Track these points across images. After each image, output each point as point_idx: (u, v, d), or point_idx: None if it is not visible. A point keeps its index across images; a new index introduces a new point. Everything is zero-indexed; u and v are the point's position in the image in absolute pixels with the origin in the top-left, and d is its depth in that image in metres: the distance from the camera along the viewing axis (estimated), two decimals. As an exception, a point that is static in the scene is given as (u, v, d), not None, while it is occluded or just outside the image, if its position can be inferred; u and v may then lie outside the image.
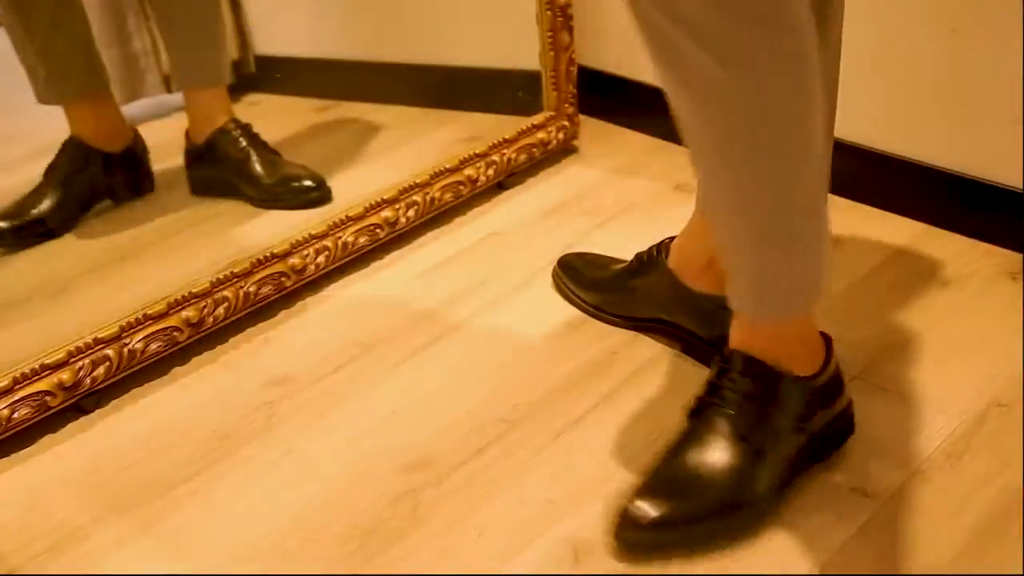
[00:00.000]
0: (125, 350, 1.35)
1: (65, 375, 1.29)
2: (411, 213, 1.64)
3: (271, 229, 1.60)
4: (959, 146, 1.51)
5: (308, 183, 1.73)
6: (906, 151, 1.57)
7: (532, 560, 1.07)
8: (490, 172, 1.74)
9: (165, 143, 1.91)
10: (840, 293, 1.43)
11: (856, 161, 1.61)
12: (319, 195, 1.73)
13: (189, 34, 1.73)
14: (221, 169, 1.76)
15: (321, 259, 1.53)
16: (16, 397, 1.27)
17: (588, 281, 1.43)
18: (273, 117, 2.09)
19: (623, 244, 1.44)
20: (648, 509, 1.04)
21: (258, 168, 1.74)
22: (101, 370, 1.33)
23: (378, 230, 1.60)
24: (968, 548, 1.03)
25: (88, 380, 1.32)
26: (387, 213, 1.61)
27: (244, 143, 1.75)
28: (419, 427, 1.26)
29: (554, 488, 1.15)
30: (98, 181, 1.73)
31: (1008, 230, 1.48)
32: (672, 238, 1.31)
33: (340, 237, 1.55)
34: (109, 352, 1.33)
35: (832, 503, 1.10)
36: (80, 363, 1.31)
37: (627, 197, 1.73)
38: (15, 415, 1.26)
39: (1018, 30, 1.39)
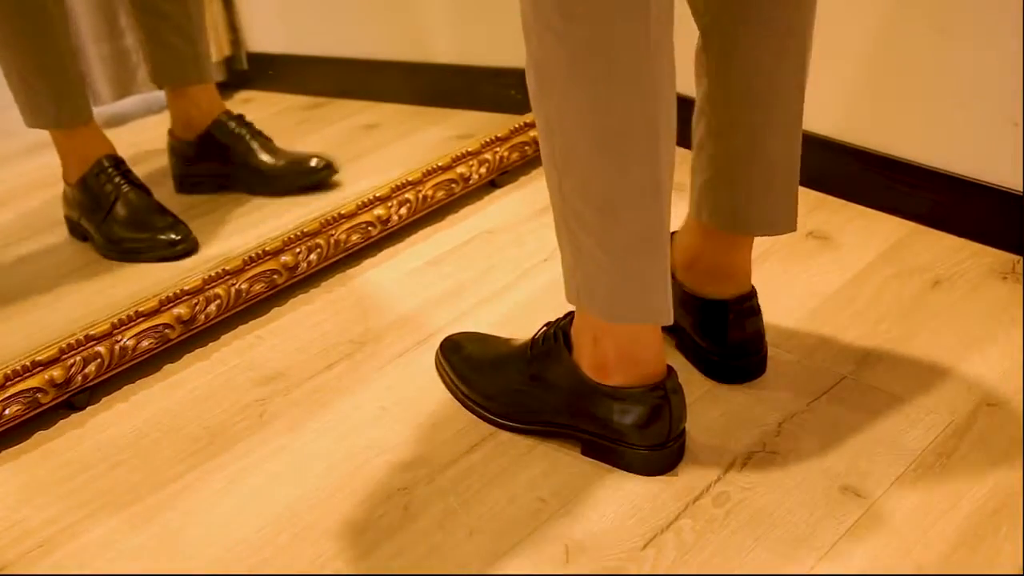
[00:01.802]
0: (116, 347, 1.34)
1: (56, 372, 1.29)
2: (403, 211, 1.64)
3: (263, 226, 1.60)
4: (949, 145, 1.51)
5: (315, 163, 1.73)
6: (896, 150, 1.58)
7: (523, 558, 1.07)
8: (483, 170, 1.74)
9: (155, 139, 1.91)
10: (831, 292, 1.43)
11: (846, 160, 1.62)
12: (327, 173, 1.73)
13: (182, 30, 1.72)
14: (221, 161, 1.75)
15: (313, 257, 1.53)
16: (7, 394, 1.26)
17: None
18: (265, 114, 2.09)
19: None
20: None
21: (262, 155, 1.75)
22: (92, 367, 1.32)
23: (370, 228, 1.60)
24: (958, 547, 1.04)
25: (79, 377, 1.31)
26: (379, 211, 1.61)
27: (244, 132, 1.75)
28: (410, 425, 1.26)
29: (545, 486, 1.15)
30: None
31: (998, 229, 1.48)
32: None
33: (332, 235, 1.55)
34: (100, 349, 1.33)
35: (823, 502, 1.10)
36: (71, 360, 1.31)
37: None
38: (6, 412, 1.26)
39: (1005, 29, 1.39)
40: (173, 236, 1.59)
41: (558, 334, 1.17)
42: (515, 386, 1.21)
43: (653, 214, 1.02)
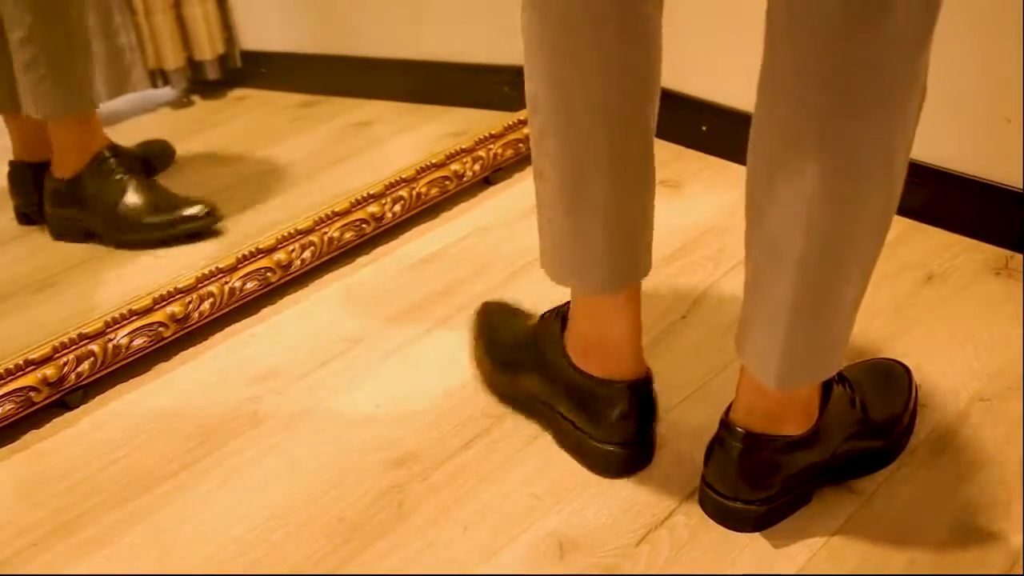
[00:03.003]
0: (110, 345, 1.34)
1: (49, 370, 1.29)
2: (397, 208, 1.64)
3: (257, 224, 1.60)
4: (942, 141, 1.51)
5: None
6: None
7: (517, 555, 1.07)
8: (476, 167, 1.74)
9: (151, 137, 1.91)
10: (825, 288, 1.43)
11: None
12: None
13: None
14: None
15: (307, 254, 1.53)
16: (0, 393, 1.26)
17: None
18: (259, 112, 2.09)
19: (609, 239, 1.44)
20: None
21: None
22: (86, 365, 1.32)
23: (364, 225, 1.60)
24: (951, 543, 1.04)
25: (73, 376, 1.31)
26: (373, 208, 1.61)
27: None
28: (405, 422, 1.26)
29: (539, 483, 1.15)
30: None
31: (991, 225, 1.49)
32: None
33: (326, 232, 1.55)
34: (94, 347, 1.33)
35: (817, 498, 1.10)
36: (65, 358, 1.31)
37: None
38: (-1, 411, 1.26)
39: (1001, 25, 1.39)
40: (197, 211, 1.60)
41: (558, 311, 1.19)
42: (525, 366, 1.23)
43: (607, 184, 1.03)
